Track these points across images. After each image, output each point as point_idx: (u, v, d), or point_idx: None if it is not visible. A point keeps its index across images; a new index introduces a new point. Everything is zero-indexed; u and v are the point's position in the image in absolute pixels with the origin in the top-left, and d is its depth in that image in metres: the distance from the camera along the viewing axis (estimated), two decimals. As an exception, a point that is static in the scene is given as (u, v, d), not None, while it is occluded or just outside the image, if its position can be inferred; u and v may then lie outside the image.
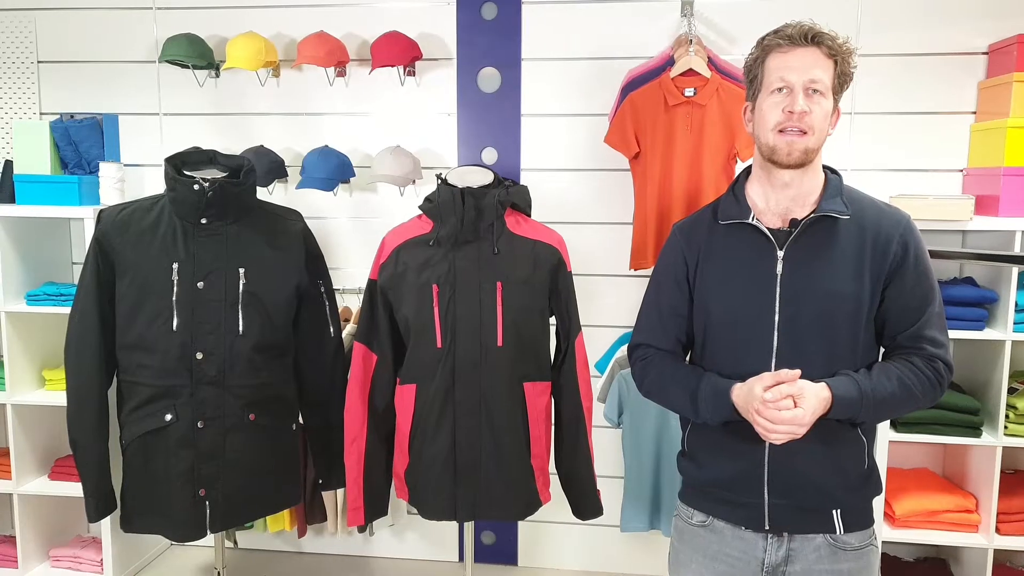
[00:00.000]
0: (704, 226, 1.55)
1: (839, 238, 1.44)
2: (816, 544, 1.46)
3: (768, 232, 1.46)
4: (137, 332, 1.85)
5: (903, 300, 1.44)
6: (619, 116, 2.79)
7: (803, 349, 1.44)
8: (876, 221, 1.45)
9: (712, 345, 1.53)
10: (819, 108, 1.41)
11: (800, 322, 1.43)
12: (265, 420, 1.95)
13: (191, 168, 1.96)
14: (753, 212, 1.49)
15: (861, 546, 1.48)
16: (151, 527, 1.93)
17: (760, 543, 1.48)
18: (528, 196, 2.01)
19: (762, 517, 1.47)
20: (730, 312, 1.49)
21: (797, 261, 1.44)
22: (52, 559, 3.08)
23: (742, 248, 1.49)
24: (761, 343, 1.45)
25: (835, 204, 1.45)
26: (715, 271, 1.51)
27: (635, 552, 3.16)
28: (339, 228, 3.11)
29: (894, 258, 1.44)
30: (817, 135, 1.42)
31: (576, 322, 2.03)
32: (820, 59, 1.41)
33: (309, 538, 3.26)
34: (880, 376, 1.42)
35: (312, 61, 2.82)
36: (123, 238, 1.87)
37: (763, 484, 1.46)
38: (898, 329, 1.45)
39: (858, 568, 1.48)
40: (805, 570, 1.46)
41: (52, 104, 3.21)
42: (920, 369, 1.43)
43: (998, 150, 2.57)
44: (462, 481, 1.92)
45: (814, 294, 1.43)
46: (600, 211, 3.02)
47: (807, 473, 1.45)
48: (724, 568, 1.51)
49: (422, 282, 1.90)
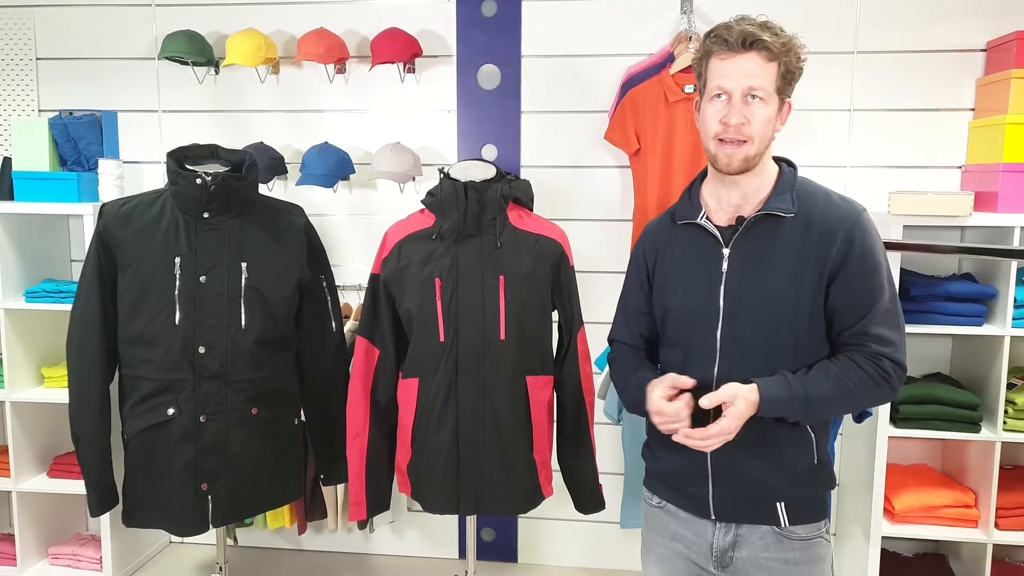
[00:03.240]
0: (665, 226, 1.60)
1: (783, 236, 1.44)
2: (762, 532, 1.49)
3: (715, 231, 1.48)
4: (139, 326, 1.85)
5: (847, 297, 1.43)
6: (619, 112, 2.79)
7: (744, 347, 1.45)
8: (823, 217, 1.44)
9: (666, 341, 1.58)
10: (759, 114, 1.40)
11: (741, 320, 1.45)
12: (267, 414, 1.95)
13: (193, 162, 1.96)
14: (705, 212, 1.51)
15: (809, 536, 1.49)
16: (153, 522, 1.93)
17: (709, 528, 1.52)
18: (530, 191, 2.01)
19: (707, 506, 1.51)
20: (680, 309, 1.53)
21: (742, 259, 1.46)
22: (51, 557, 3.07)
23: (693, 247, 1.52)
24: (706, 340, 1.48)
25: (781, 202, 1.45)
26: (669, 270, 1.56)
27: (635, 549, 3.15)
28: (339, 225, 3.11)
29: (837, 254, 1.42)
30: (758, 142, 1.42)
31: (578, 316, 2.04)
32: (759, 64, 1.40)
33: (309, 535, 3.26)
34: (817, 375, 1.41)
35: (312, 58, 2.81)
36: (125, 232, 1.87)
37: (707, 477, 1.50)
38: (843, 326, 1.44)
39: (805, 558, 1.49)
40: (751, 556, 1.49)
41: (51, 101, 3.20)
42: (861, 367, 1.41)
43: (997, 146, 2.58)
44: (465, 475, 1.92)
45: (755, 292, 1.44)
46: (600, 208, 3.03)
47: (749, 468, 1.47)
48: (681, 548, 1.56)
49: (425, 276, 1.90)
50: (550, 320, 2.00)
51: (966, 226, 2.67)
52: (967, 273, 2.73)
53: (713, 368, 1.47)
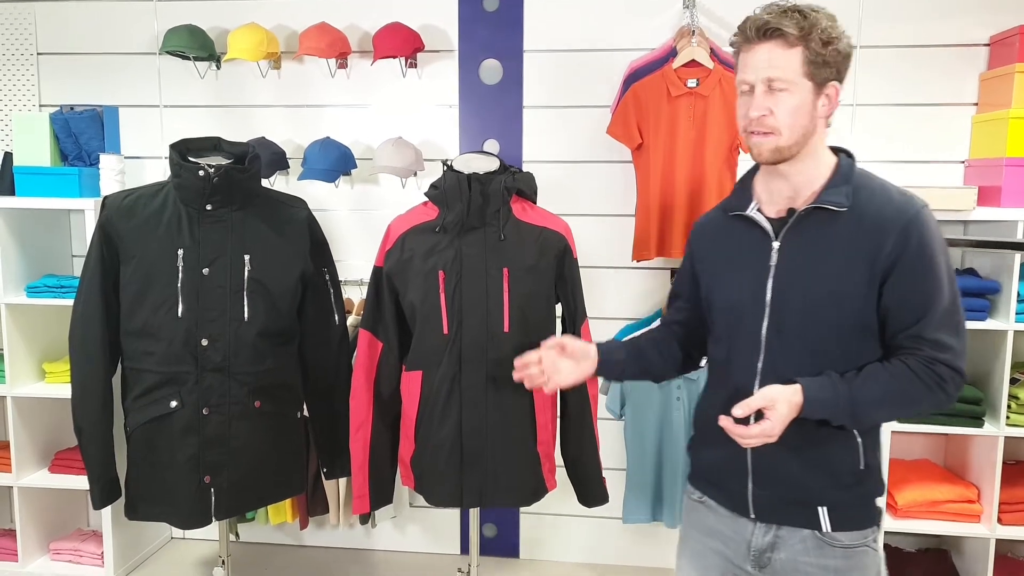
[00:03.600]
0: (715, 219, 1.57)
1: (835, 230, 1.38)
2: (802, 535, 1.43)
3: (766, 223, 1.44)
4: (142, 318, 1.85)
5: (901, 297, 1.35)
6: (622, 107, 2.79)
7: (789, 344, 1.41)
8: (877, 211, 1.37)
9: (712, 336, 1.55)
10: (785, 104, 1.36)
11: (787, 315, 1.40)
12: (270, 407, 1.94)
13: (196, 155, 1.95)
14: (756, 203, 1.47)
15: (853, 544, 1.43)
16: (156, 515, 1.93)
17: (748, 526, 1.48)
18: (534, 183, 2.01)
19: (746, 504, 1.47)
20: (726, 302, 1.49)
21: (791, 252, 1.41)
22: (52, 552, 3.07)
23: (742, 239, 1.48)
24: (751, 335, 1.44)
25: (834, 195, 1.38)
26: (718, 262, 1.52)
27: (637, 544, 3.16)
28: (341, 220, 3.11)
29: (892, 251, 1.34)
30: (788, 132, 1.37)
31: (582, 309, 2.03)
32: (778, 53, 1.35)
33: (311, 531, 3.26)
34: (866, 379, 1.36)
35: (313, 52, 2.81)
36: (128, 224, 1.86)
37: (747, 474, 1.46)
38: (897, 328, 1.37)
39: (848, 566, 1.43)
40: (790, 559, 1.44)
41: (52, 96, 3.19)
42: (915, 372, 1.34)
43: (1000, 141, 2.58)
44: (468, 467, 1.92)
45: (802, 287, 1.39)
46: (602, 203, 3.02)
47: (789, 469, 1.42)
48: (718, 545, 1.52)
49: (428, 268, 1.89)
50: (554, 313, 2.00)
51: (969, 220, 2.67)
52: (970, 268, 2.73)
53: (757, 364, 1.43)
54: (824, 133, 1.42)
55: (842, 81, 1.39)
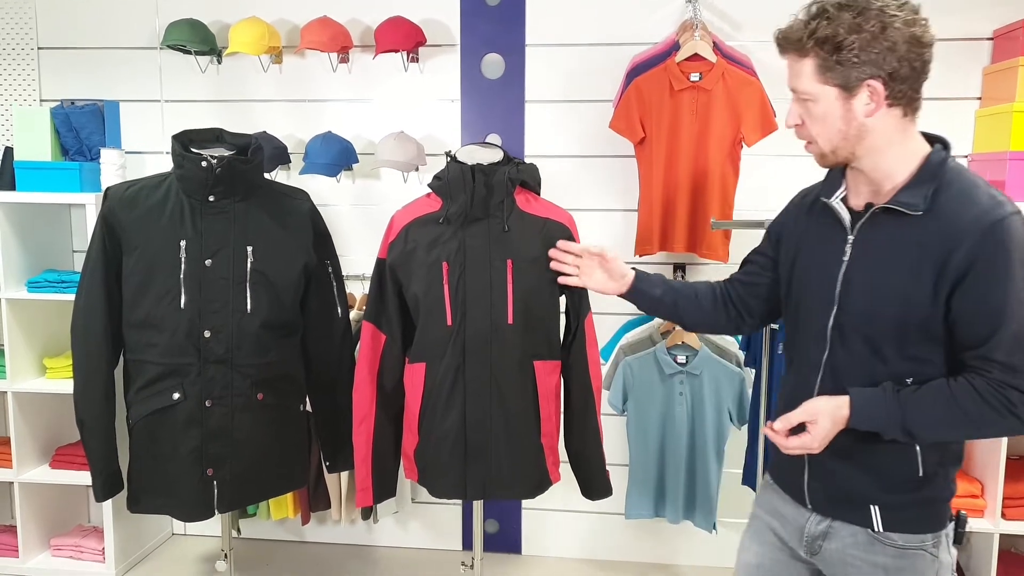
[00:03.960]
0: (808, 198, 1.53)
1: (908, 231, 1.30)
2: (854, 530, 1.42)
3: (846, 216, 1.39)
4: (144, 310, 1.84)
5: (969, 310, 1.26)
6: (624, 101, 2.78)
7: (849, 342, 1.37)
8: (955, 215, 1.26)
9: (787, 318, 1.52)
10: (813, 116, 1.33)
11: (850, 313, 1.36)
12: (273, 400, 1.93)
13: (198, 146, 1.95)
14: (843, 191, 1.42)
15: (907, 546, 1.38)
16: (158, 507, 1.92)
17: (805, 514, 1.48)
18: (537, 174, 2.00)
19: (803, 495, 1.48)
20: (798, 292, 1.47)
21: (863, 249, 1.36)
22: (53, 548, 3.06)
23: (824, 226, 1.43)
24: (818, 328, 1.40)
25: (910, 196, 1.30)
26: (800, 242, 1.49)
27: (640, 540, 3.16)
28: (342, 215, 3.10)
29: (964, 259, 1.25)
30: (824, 140, 1.34)
31: (586, 301, 2.03)
32: (794, 65, 1.33)
33: (312, 527, 3.25)
34: (924, 397, 1.30)
35: (315, 46, 2.80)
36: (130, 215, 1.85)
37: (804, 466, 1.46)
38: (964, 345, 1.29)
39: (899, 567, 1.38)
40: (839, 550, 1.43)
41: (53, 90, 3.19)
42: (981, 394, 1.26)
43: (1004, 134, 2.57)
44: (472, 459, 1.91)
45: (868, 286, 1.34)
46: (605, 198, 3.02)
47: (841, 468, 1.41)
48: (776, 524, 1.54)
49: (432, 260, 1.89)
50: (558, 305, 1.99)
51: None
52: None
53: (821, 359, 1.41)
54: (896, 124, 1.32)
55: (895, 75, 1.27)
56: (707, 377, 2.73)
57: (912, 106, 1.32)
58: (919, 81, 1.31)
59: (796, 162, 2.90)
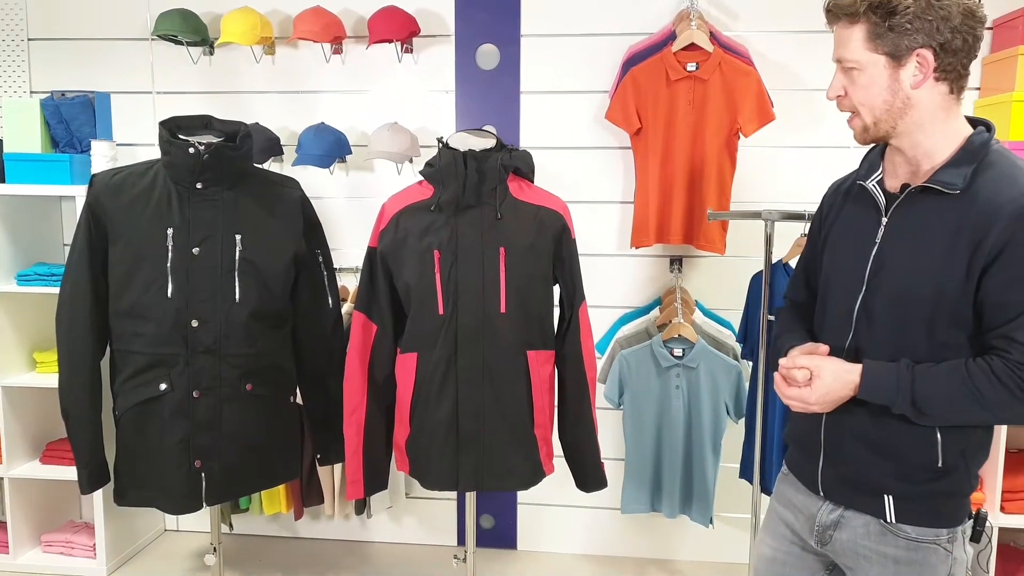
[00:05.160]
0: (846, 182, 1.51)
1: (944, 213, 1.27)
2: (866, 520, 1.39)
3: (880, 197, 1.37)
4: (131, 299, 1.80)
5: (998, 292, 1.24)
6: (620, 91, 2.75)
7: (876, 325, 1.35)
8: (993, 196, 1.24)
9: (818, 306, 1.50)
10: (855, 84, 1.31)
11: (878, 295, 1.34)
12: (262, 391, 1.90)
13: (186, 133, 1.91)
14: (880, 173, 1.40)
15: (920, 539, 1.35)
16: (145, 500, 1.88)
17: (817, 503, 1.46)
18: (531, 161, 1.97)
19: (816, 481, 1.46)
20: (831, 273, 1.44)
21: (897, 231, 1.34)
22: (44, 544, 3.03)
23: (859, 209, 1.41)
24: (845, 311, 1.39)
25: (950, 175, 1.27)
26: (836, 229, 1.47)
27: (636, 534, 3.13)
28: (336, 207, 3.07)
29: (997, 240, 1.22)
30: (868, 112, 1.31)
31: (580, 291, 2.00)
32: (843, 32, 1.30)
33: (305, 522, 3.22)
34: (937, 374, 1.27)
35: (308, 36, 2.77)
36: (116, 202, 1.82)
37: (819, 450, 1.44)
38: (989, 326, 1.27)
39: (909, 559, 1.36)
40: (851, 540, 1.41)
41: (43, 82, 3.16)
42: (997, 375, 1.24)
43: (1003, 124, 2.54)
44: (464, 450, 1.88)
45: (899, 269, 1.32)
46: (601, 189, 2.99)
47: (857, 454, 1.38)
48: (789, 516, 1.52)
49: (423, 248, 1.86)
50: (551, 294, 1.96)
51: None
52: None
53: (845, 342, 1.39)
54: (942, 101, 1.29)
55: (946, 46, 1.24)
56: (704, 370, 2.70)
57: (959, 83, 1.30)
58: (969, 57, 1.28)
59: (794, 153, 2.89)
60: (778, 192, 2.90)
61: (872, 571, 1.39)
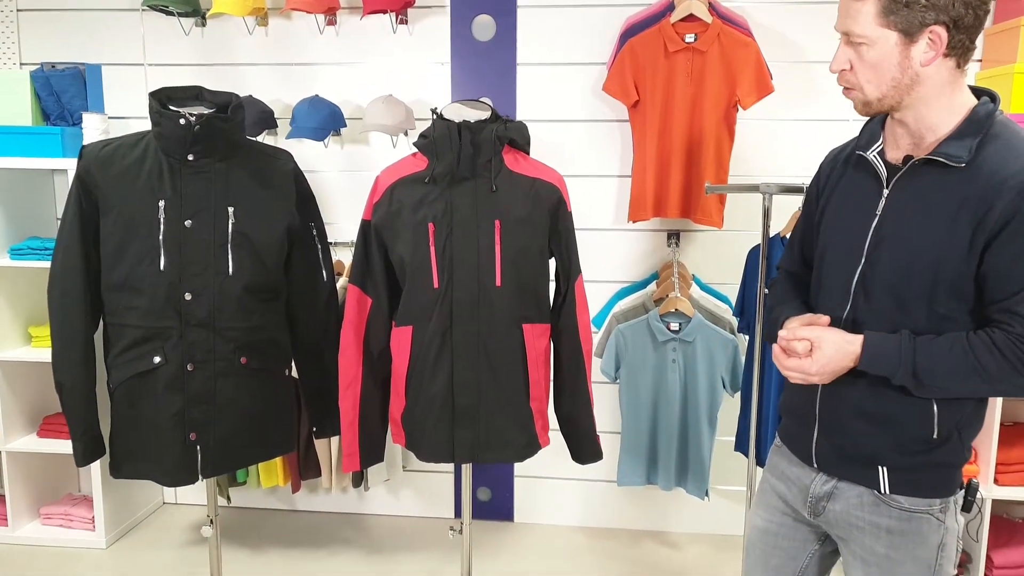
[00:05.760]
0: (844, 152, 1.48)
1: (947, 185, 1.26)
2: (860, 491, 1.40)
3: (882, 168, 1.34)
4: (123, 272, 1.79)
5: (1001, 266, 1.23)
6: (618, 63, 2.72)
7: (875, 299, 1.33)
8: (998, 168, 1.22)
9: (813, 277, 1.48)
10: (862, 59, 1.27)
11: (878, 268, 1.33)
12: (257, 364, 1.89)
13: (177, 104, 1.88)
14: (881, 144, 1.37)
15: (912, 509, 1.36)
16: (141, 472, 1.88)
17: (811, 474, 1.46)
18: (527, 133, 1.94)
19: (810, 453, 1.45)
20: (829, 245, 1.43)
21: (898, 203, 1.31)
22: (43, 517, 3.05)
23: (859, 180, 1.39)
24: (843, 283, 1.37)
25: (953, 147, 1.25)
26: (834, 200, 1.44)
27: (632, 507, 3.15)
28: (330, 181, 3.05)
29: (1002, 214, 1.20)
30: (871, 88, 1.28)
31: (576, 264, 1.98)
32: (853, 2, 1.25)
33: (303, 495, 3.24)
34: (939, 345, 1.27)
35: (301, 7, 2.73)
36: (107, 174, 1.80)
37: (814, 423, 1.44)
38: (991, 299, 1.26)
39: (902, 529, 1.36)
40: (843, 511, 1.42)
41: (33, 54, 3.11)
42: (998, 347, 1.23)
43: (1005, 96, 2.51)
44: (460, 422, 1.88)
45: (900, 241, 1.30)
46: (598, 163, 2.97)
47: (853, 424, 1.38)
48: (782, 488, 1.53)
49: (418, 220, 1.84)
50: (547, 267, 1.95)
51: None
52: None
53: (843, 313, 1.37)
54: (948, 76, 1.27)
55: (959, 22, 1.22)
56: (700, 344, 2.70)
57: (965, 57, 1.27)
58: (977, 31, 1.26)
59: (793, 126, 2.86)
60: (776, 165, 2.88)
61: (865, 541, 1.40)
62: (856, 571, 1.43)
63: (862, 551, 1.41)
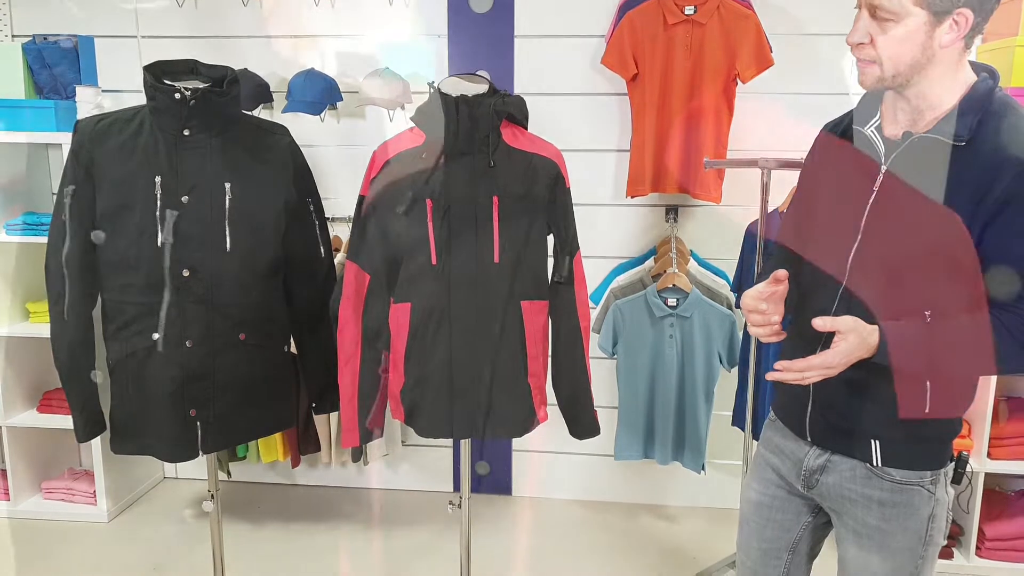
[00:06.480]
0: (839, 126, 1.46)
1: (946, 163, 1.24)
2: (852, 464, 1.41)
3: (880, 143, 1.33)
4: (120, 249, 1.78)
5: (1003, 246, 1.21)
6: (617, 35, 2.69)
7: (870, 279, 1.32)
8: (1001, 146, 1.21)
9: (808, 253, 1.46)
10: (888, 34, 1.23)
11: (874, 247, 1.32)
12: (255, 340, 1.89)
13: (172, 78, 1.86)
14: (879, 118, 1.35)
15: (904, 481, 1.37)
16: (141, 448, 1.89)
17: (804, 448, 1.48)
18: (525, 108, 1.93)
19: (804, 427, 1.46)
20: (824, 221, 1.41)
21: (896, 180, 1.30)
22: (45, 491, 3.07)
23: (852, 157, 1.37)
24: (838, 258, 1.36)
25: (955, 125, 1.24)
26: (830, 175, 1.43)
27: (629, 481, 3.18)
28: (327, 156, 3.03)
29: (1004, 192, 1.19)
30: (890, 64, 1.24)
31: (574, 240, 1.98)
32: None
33: (302, 470, 3.26)
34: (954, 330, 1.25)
35: (296, -22, 2.69)
36: (102, 149, 1.78)
37: (808, 397, 1.44)
38: (993, 279, 1.24)
39: (894, 501, 1.38)
40: (837, 484, 1.43)
41: (25, 26, 3.07)
42: (1009, 329, 1.22)
43: (1006, 70, 2.50)
44: (458, 398, 1.89)
45: (898, 218, 1.29)
46: (596, 137, 2.95)
47: (847, 399, 1.38)
48: (776, 461, 1.54)
49: (415, 196, 1.83)
50: (545, 243, 1.94)
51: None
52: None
53: (838, 289, 1.36)
54: (957, 55, 1.26)
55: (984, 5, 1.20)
56: (697, 319, 2.71)
57: (973, 36, 1.26)
58: (991, 14, 1.25)
59: (793, 100, 2.84)
60: (775, 140, 2.87)
61: (857, 513, 1.42)
62: (848, 542, 1.45)
63: (854, 523, 1.43)
